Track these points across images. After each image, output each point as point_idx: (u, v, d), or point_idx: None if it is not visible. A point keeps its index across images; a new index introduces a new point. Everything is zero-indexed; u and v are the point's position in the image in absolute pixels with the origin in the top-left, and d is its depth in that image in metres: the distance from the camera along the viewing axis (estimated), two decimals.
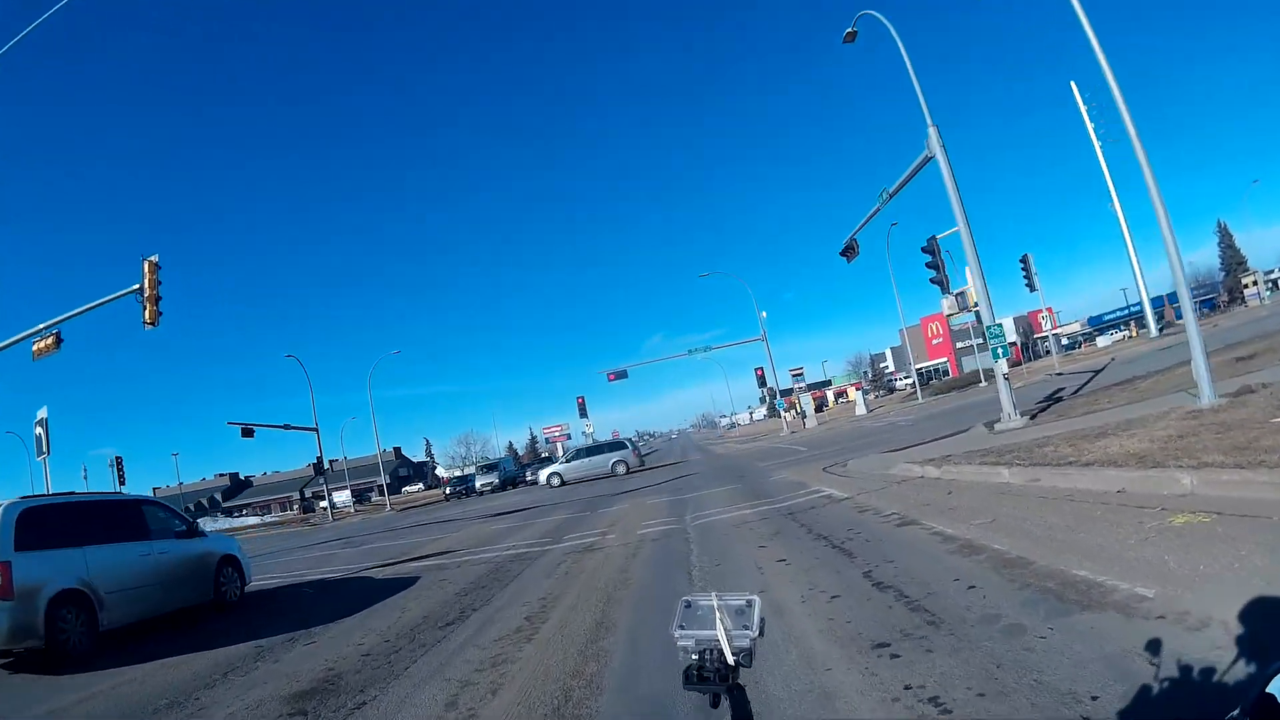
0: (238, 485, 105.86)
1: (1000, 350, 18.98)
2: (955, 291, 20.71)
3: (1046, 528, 7.66)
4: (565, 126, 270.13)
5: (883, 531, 9.38)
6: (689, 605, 1.62)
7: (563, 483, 40.88)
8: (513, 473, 63.02)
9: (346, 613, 10.19)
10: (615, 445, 45.18)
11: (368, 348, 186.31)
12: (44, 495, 10.64)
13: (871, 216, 25.57)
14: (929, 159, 20.21)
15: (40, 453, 21.81)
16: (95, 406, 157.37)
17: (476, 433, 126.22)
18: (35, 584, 8.77)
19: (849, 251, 27.92)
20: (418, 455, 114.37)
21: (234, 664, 8.04)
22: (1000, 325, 19.48)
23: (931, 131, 19.83)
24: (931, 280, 21.40)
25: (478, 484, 57.07)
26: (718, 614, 1.56)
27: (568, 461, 44.48)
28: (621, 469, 41.08)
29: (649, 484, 28.00)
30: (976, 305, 20.15)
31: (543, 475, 46.10)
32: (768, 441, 46.54)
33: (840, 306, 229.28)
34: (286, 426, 53.00)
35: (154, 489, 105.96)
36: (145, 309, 19.30)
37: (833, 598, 6.63)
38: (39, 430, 21.72)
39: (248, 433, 48.47)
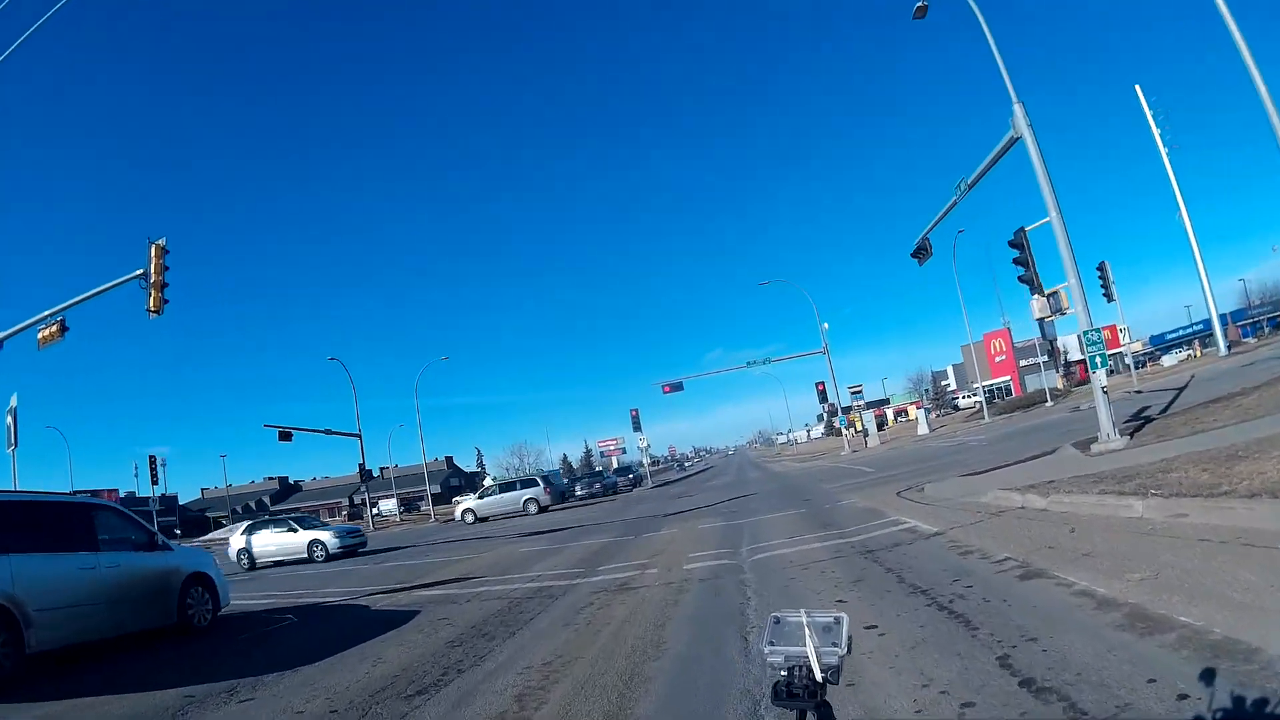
0: (286, 489, 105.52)
1: (1099, 359, 16.35)
2: (1048, 291, 18.12)
3: (1245, 589, 5.30)
4: (625, 133, 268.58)
5: (1002, 586, 7.01)
6: (778, 621, 1.70)
7: (476, 519, 40.02)
8: (560, 486, 61.38)
9: (312, 656, 8.34)
10: (528, 482, 43.10)
11: (416, 354, 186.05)
12: None
13: (948, 210, 23.41)
14: (1014, 140, 17.86)
15: (10, 444, 20.45)
16: (151, 406, 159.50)
17: (530, 444, 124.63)
18: None
19: (921, 253, 26.29)
20: (470, 465, 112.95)
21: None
22: (1099, 331, 16.92)
23: (1017, 109, 17.48)
24: (1020, 279, 18.92)
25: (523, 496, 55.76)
26: (807, 630, 1.61)
27: (480, 498, 43.45)
28: (533, 507, 39.34)
29: (702, 505, 25.99)
30: (1070, 308, 17.56)
31: (457, 511, 45.38)
32: (828, 460, 44.41)
33: (897, 323, 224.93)
34: (328, 431, 52.10)
35: (202, 490, 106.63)
36: (150, 295, 17.92)
37: (964, 706, 4.31)
38: (9, 420, 20.33)
39: (285, 436, 47.51)
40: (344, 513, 72.44)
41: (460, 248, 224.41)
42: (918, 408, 76.58)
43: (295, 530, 25.78)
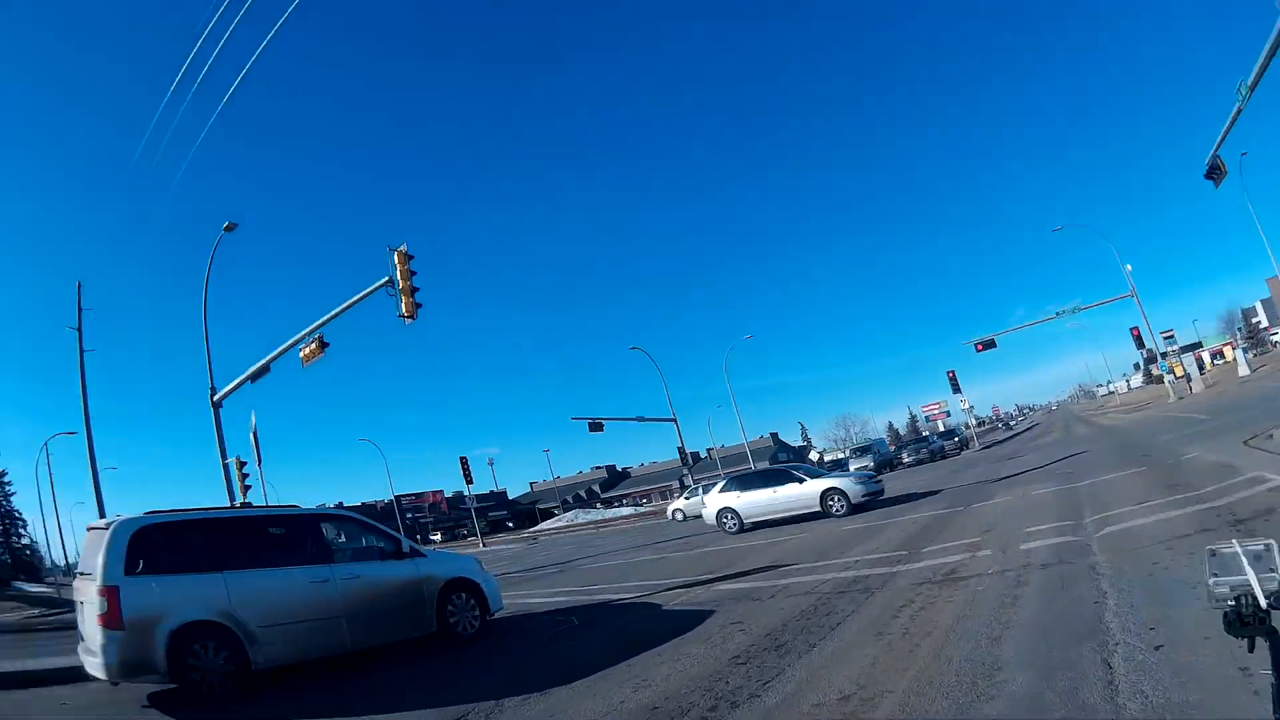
0: (615, 476, 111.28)
1: None
2: None
3: None
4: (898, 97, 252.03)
5: None
6: (1214, 554, 1.81)
7: (741, 528, 22.14)
8: (886, 455, 59.40)
9: (573, 674, 7.43)
10: (786, 473, 22.83)
11: (725, 335, 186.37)
12: (175, 510, 8.93)
13: (1234, 120, 20.40)
14: None
15: (256, 462, 21.69)
16: (482, 411, 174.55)
17: (855, 414, 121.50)
18: (153, 614, 7.53)
19: (1215, 173, 22.94)
20: (796, 439, 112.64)
21: None
22: None
23: None
24: None
25: (851, 468, 54.19)
26: (1243, 559, 1.70)
27: (741, 490, 22.88)
28: (840, 507, 20.47)
29: (1033, 467, 23.89)
30: None
31: (686, 504, 39.09)
32: (1156, 410, 41.39)
33: (1194, 260, 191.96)
34: (640, 419, 53.46)
35: (531, 484, 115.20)
36: (401, 300, 18.29)
37: None
38: (251, 439, 22.04)
39: (595, 427, 49.19)
40: (675, 495, 74.08)
41: (764, 227, 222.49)
42: (1232, 348, 73.76)
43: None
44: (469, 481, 57.08)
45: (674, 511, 41.31)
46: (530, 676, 7.67)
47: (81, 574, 8.39)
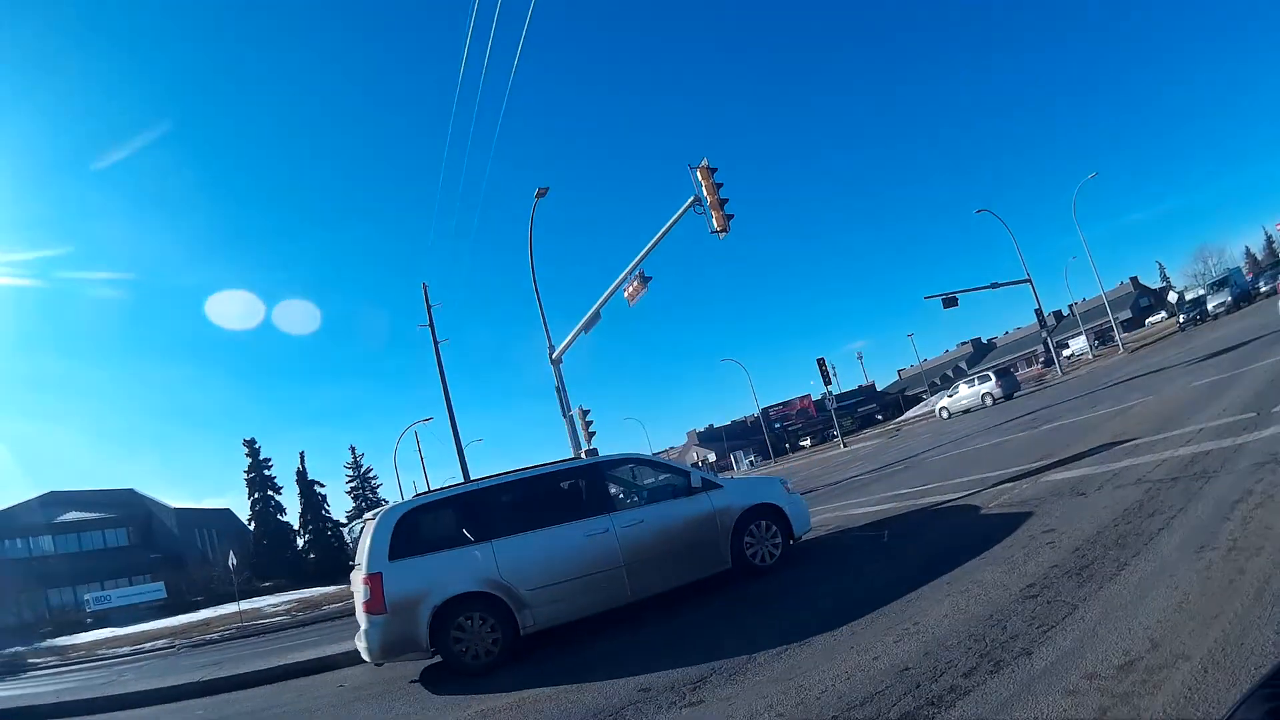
0: (980, 349, 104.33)
1: None
2: None
3: None
4: None
5: None
6: None
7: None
8: (1243, 286, 49.82)
9: (847, 614, 6.44)
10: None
11: (1070, 180, 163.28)
12: (441, 489, 9.06)
13: None
14: None
15: (584, 446, 22.03)
16: (849, 305, 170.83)
17: (1211, 244, 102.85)
18: (415, 594, 7.72)
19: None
20: (1155, 281, 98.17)
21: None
22: None
23: None
24: None
25: (1209, 305, 47.55)
26: None
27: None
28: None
29: None
30: None
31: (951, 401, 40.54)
32: None
33: None
34: (993, 285, 49.53)
35: (898, 371, 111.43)
36: (712, 217, 17.86)
37: None
38: (578, 417, 22.58)
39: (949, 302, 46.61)
40: (1039, 361, 68.29)
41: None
42: None
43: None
44: (827, 383, 56.67)
45: (940, 409, 42.75)
46: (806, 616, 6.86)
47: (354, 565, 8.75)
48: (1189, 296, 55.38)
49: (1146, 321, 78.00)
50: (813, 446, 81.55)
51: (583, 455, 16.06)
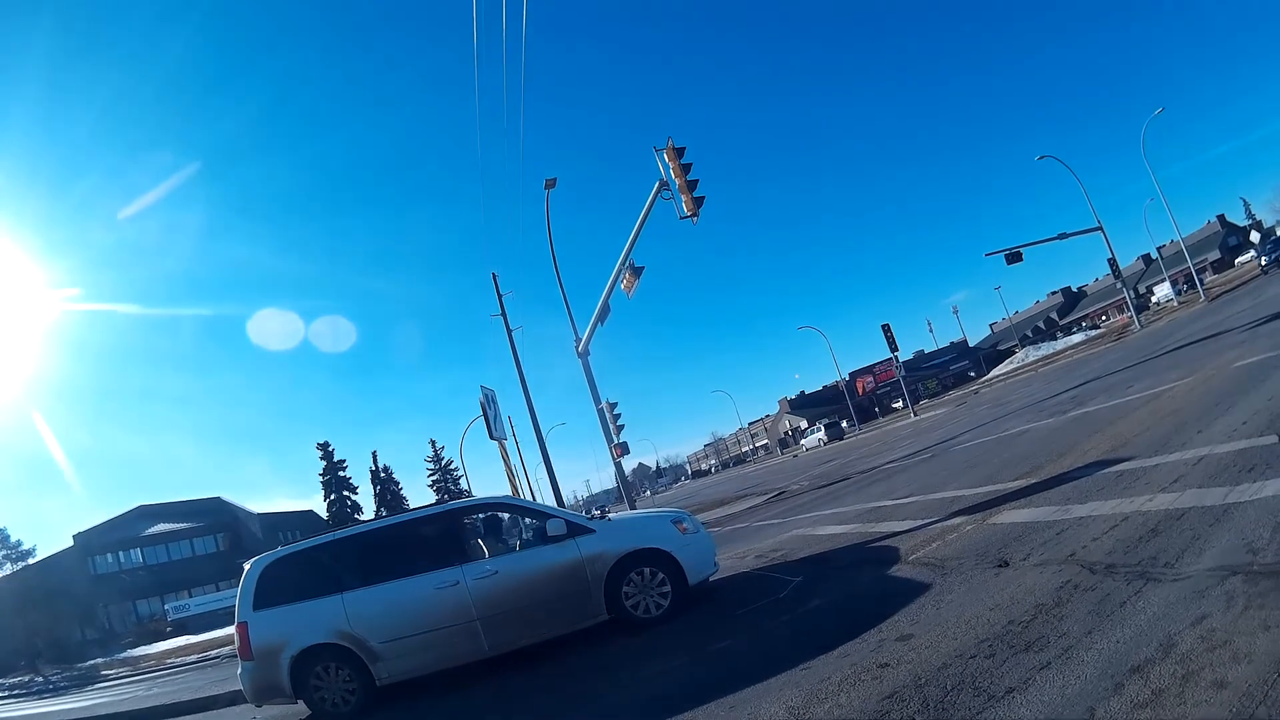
0: (1071, 299, 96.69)
1: None
2: None
3: None
4: None
5: None
6: None
7: None
8: None
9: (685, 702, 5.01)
10: None
11: (1139, 117, 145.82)
12: (303, 542, 8.41)
13: None
14: None
15: (613, 441, 21.26)
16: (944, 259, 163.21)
17: None
18: (276, 643, 7.50)
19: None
20: (1242, 218, 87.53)
21: None
22: None
23: None
24: None
25: None
26: None
27: None
28: None
29: None
30: None
31: None
32: None
33: None
34: (1061, 236, 44.68)
35: (990, 325, 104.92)
36: (681, 201, 15.79)
37: None
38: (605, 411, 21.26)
39: (1014, 258, 42.58)
40: (1127, 311, 62.20)
41: None
42: None
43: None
44: (893, 349, 53.12)
45: (803, 445, 39.88)
46: (672, 691, 5.48)
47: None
48: (1273, 237, 49.24)
49: (1236, 262, 69.88)
50: (901, 409, 77.19)
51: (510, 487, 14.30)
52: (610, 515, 9.67)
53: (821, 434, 60.83)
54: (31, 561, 44.14)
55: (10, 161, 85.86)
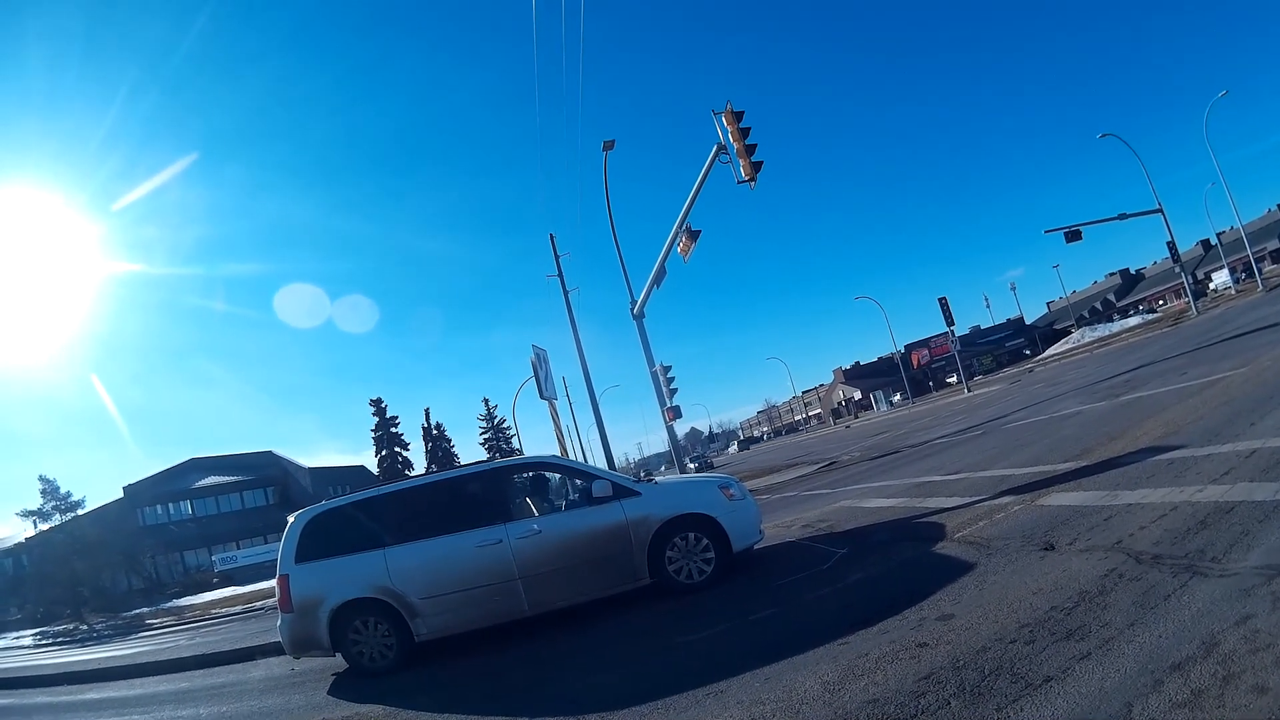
0: (1129, 281, 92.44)
1: None
2: None
3: None
4: None
5: None
6: None
7: None
8: None
9: (730, 669, 4.83)
10: None
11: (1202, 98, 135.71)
12: (347, 497, 8.22)
13: None
14: None
15: (665, 404, 20.38)
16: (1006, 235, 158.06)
17: None
18: (316, 596, 7.43)
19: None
20: None
21: None
22: None
23: None
24: None
25: None
26: None
27: None
28: None
29: None
30: None
31: None
32: None
33: None
34: (1121, 216, 42.79)
35: (1048, 304, 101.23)
36: (740, 165, 15.14)
37: None
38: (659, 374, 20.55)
39: (1073, 235, 41.28)
40: (1184, 296, 59.27)
41: None
42: None
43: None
44: (949, 324, 51.74)
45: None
46: (702, 661, 5.27)
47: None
48: None
49: None
50: (957, 385, 75.52)
51: (559, 447, 14.33)
52: (655, 479, 9.62)
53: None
54: (81, 513, 43.01)
55: (58, 128, 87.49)
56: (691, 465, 47.08)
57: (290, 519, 7.96)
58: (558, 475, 8.89)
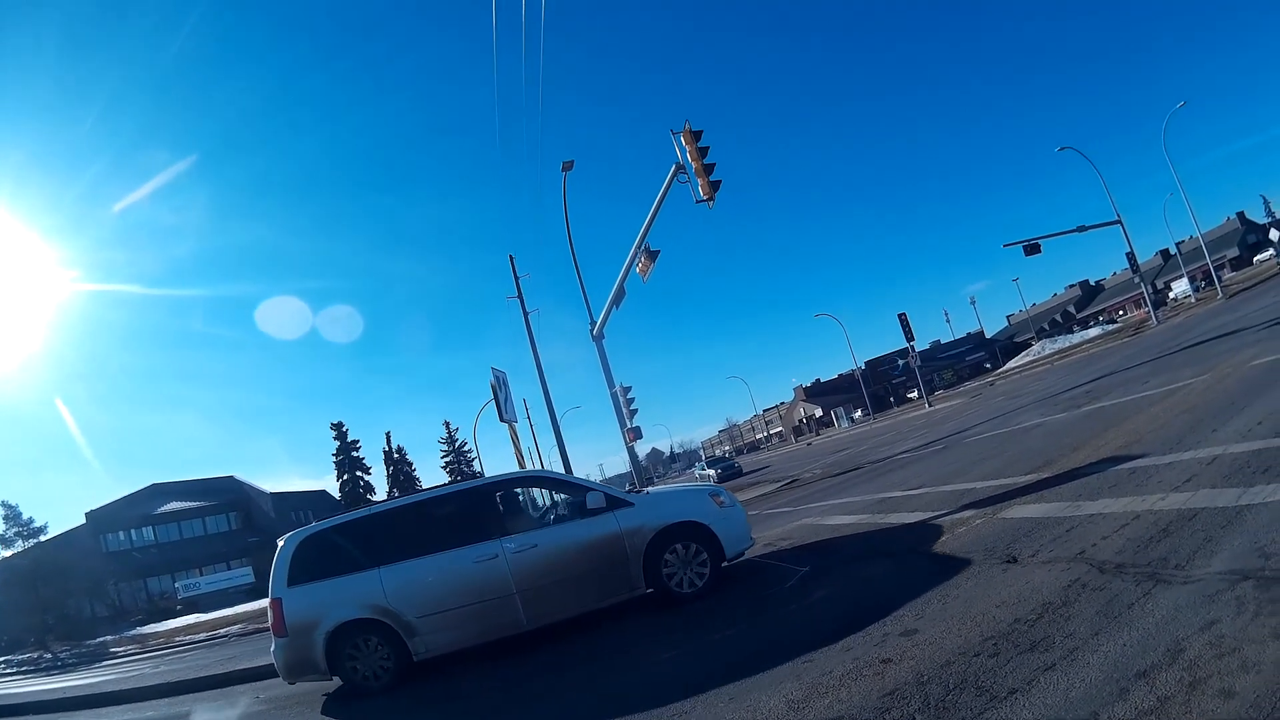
0: (1088, 292, 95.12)
1: None
2: None
3: None
4: None
5: None
6: None
7: None
8: None
9: (725, 675, 4.93)
10: None
11: (1159, 110, 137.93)
12: (338, 517, 8.31)
13: None
14: None
15: (626, 425, 20.49)
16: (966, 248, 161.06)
17: None
18: (311, 619, 7.42)
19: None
20: (1260, 216, 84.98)
21: None
22: None
23: None
24: None
25: None
26: None
27: None
28: None
29: None
30: None
31: None
32: None
33: None
34: (1080, 229, 43.85)
35: (1007, 317, 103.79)
36: (697, 185, 15.39)
37: None
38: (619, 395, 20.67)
39: (1031, 249, 42.46)
40: (1144, 306, 61.22)
41: None
42: None
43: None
44: (909, 339, 52.65)
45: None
46: (685, 672, 5.42)
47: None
48: None
49: (1255, 260, 68.43)
50: (918, 400, 76.71)
51: (520, 468, 14.34)
52: (647, 490, 9.66)
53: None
54: (44, 539, 42.97)
55: (21, 147, 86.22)
56: (711, 472, 47.07)
57: (280, 542, 7.97)
58: (551, 489, 9.10)
